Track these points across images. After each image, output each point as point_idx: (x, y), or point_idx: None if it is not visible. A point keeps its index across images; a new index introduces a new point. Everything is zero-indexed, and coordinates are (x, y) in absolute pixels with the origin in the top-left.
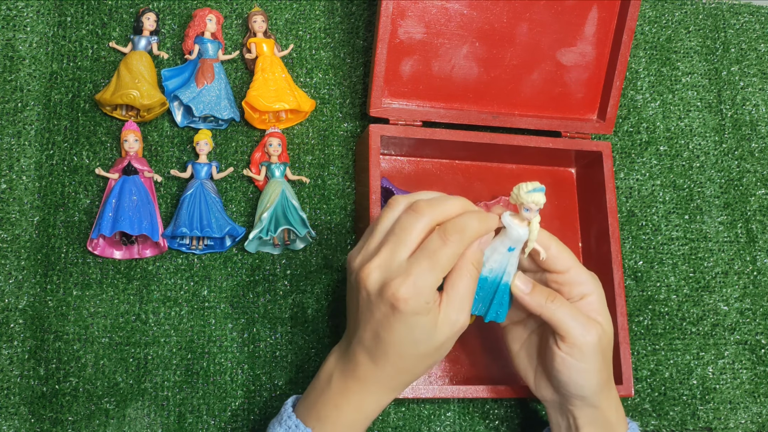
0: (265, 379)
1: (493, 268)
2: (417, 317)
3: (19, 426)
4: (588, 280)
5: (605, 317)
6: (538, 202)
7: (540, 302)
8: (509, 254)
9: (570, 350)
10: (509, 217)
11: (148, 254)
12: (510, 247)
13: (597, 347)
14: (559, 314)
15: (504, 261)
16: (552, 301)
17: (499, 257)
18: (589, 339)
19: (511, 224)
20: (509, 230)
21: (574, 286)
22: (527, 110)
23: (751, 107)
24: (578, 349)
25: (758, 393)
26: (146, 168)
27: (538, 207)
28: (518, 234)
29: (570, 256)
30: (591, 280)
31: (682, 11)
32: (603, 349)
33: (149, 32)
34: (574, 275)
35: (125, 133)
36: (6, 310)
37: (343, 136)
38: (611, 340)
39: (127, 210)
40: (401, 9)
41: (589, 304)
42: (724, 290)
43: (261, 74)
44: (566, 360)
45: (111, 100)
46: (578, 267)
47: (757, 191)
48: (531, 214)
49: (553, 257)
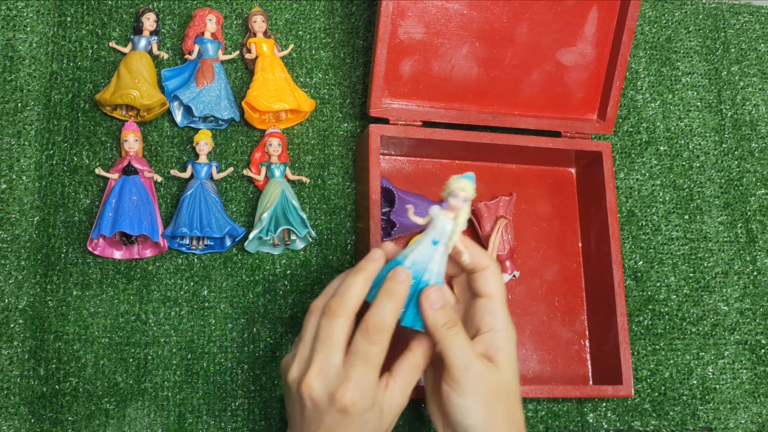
0: (265, 379)
1: (416, 260)
2: (367, 414)
3: (19, 426)
4: (503, 316)
5: (509, 358)
6: (465, 189)
7: (438, 323)
8: (433, 249)
9: (452, 383)
10: (437, 209)
11: (148, 254)
12: (434, 240)
13: (480, 384)
14: (448, 341)
15: (427, 254)
16: (449, 328)
17: (422, 249)
18: (471, 374)
19: (437, 215)
20: (434, 221)
21: (488, 316)
22: (527, 110)
23: (751, 107)
24: (458, 383)
25: (758, 393)
26: (146, 168)
27: (465, 195)
28: (443, 225)
29: (500, 286)
30: (506, 318)
31: (682, 11)
32: (492, 388)
33: (149, 32)
34: (494, 305)
35: (125, 133)
36: (6, 310)
37: (343, 136)
38: (509, 384)
39: (127, 210)
40: (401, 9)
41: (493, 339)
42: (724, 290)
43: (261, 74)
44: (449, 395)
45: (111, 100)
46: (501, 299)
47: (757, 191)
48: (458, 201)
49: (485, 278)
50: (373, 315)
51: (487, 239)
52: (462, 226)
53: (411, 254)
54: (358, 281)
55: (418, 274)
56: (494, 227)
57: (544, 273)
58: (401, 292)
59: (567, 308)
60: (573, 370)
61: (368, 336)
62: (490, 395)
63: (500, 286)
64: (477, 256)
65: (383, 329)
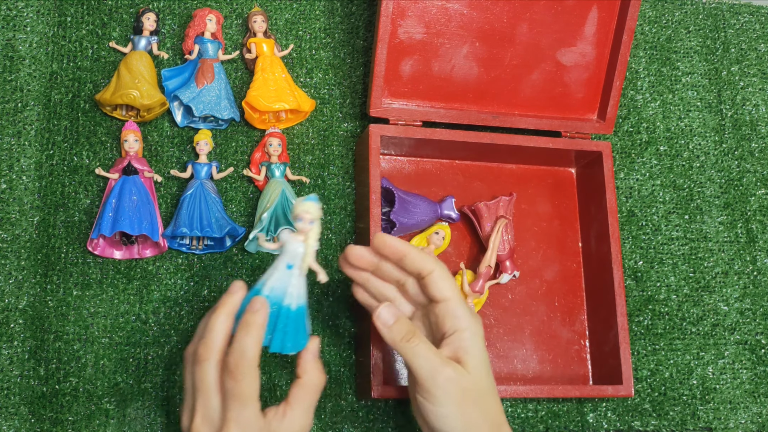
0: (264, 379)
1: (274, 286)
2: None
3: (19, 426)
4: (464, 315)
5: (477, 357)
6: (309, 211)
7: (395, 339)
8: (289, 273)
9: (423, 393)
10: (287, 233)
11: (148, 254)
12: (288, 264)
13: (450, 390)
14: (410, 354)
15: (284, 280)
16: (408, 341)
17: (279, 275)
18: (439, 381)
19: (288, 239)
20: (285, 246)
21: (448, 319)
22: (527, 110)
23: (751, 107)
24: (428, 392)
25: (758, 393)
26: (146, 168)
27: (311, 217)
28: (294, 249)
29: (452, 286)
30: (468, 316)
31: (682, 11)
32: (463, 391)
33: (149, 32)
34: (452, 307)
35: (125, 133)
36: (6, 310)
37: (343, 136)
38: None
39: (127, 210)
40: (401, 9)
41: (459, 341)
42: (724, 290)
43: (261, 74)
44: (423, 405)
45: (111, 100)
46: (457, 299)
47: (757, 191)
48: (304, 224)
49: (433, 282)
50: (232, 352)
51: (487, 239)
52: (313, 247)
53: (269, 281)
54: (218, 320)
55: (279, 300)
56: (494, 227)
57: (544, 273)
58: (258, 321)
59: (567, 308)
60: (573, 370)
61: (232, 375)
62: (463, 398)
63: (451, 287)
64: (418, 260)
65: (244, 364)
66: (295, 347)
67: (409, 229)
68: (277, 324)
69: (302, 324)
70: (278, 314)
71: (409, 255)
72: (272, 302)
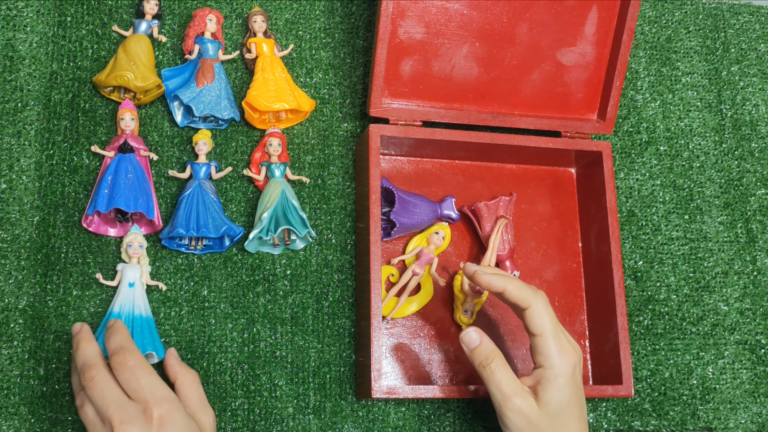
0: (265, 379)
1: (123, 303)
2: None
3: (19, 426)
4: (552, 354)
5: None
6: (137, 239)
7: (475, 363)
8: (132, 290)
9: (497, 415)
10: (122, 265)
11: (143, 232)
12: (129, 283)
13: (515, 419)
14: (487, 378)
15: (129, 296)
16: (485, 367)
17: (124, 292)
18: (507, 408)
19: (123, 268)
20: (123, 273)
21: (537, 353)
22: (527, 110)
23: (751, 107)
24: (499, 416)
25: (758, 393)
26: (142, 147)
27: (139, 243)
28: (131, 272)
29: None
30: (555, 354)
31: (682, 11)
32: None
33: (151, 16)
34: (542, 344)
35: (121, 112)
36: (6, 310)
37: (343, 136)
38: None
39: (123, 187)
40: (401, 9)
41: (540, 376)
42: (724, 290)
43: (261, 74)
44: (500, 425)
45: (105, 81)
46: (549, 336)
47: (757, 191)
48: (133, 251)
49: (528, 318)
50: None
51: (487, 239)
52: (146, 266)
53: (116, 302)
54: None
55: (130, 312)
56: (494, 227)
57: (544, 273)
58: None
59: (567, 308)
60: None
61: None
62: (528, 429)
63: (545, 324)
64: (515, 295)
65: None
66: (160, 351)
67: (409, 229)
68: (134, 332)
69: (155, 330)
70: (133, 323)
71: (507, 290)
72: (127, 316)
